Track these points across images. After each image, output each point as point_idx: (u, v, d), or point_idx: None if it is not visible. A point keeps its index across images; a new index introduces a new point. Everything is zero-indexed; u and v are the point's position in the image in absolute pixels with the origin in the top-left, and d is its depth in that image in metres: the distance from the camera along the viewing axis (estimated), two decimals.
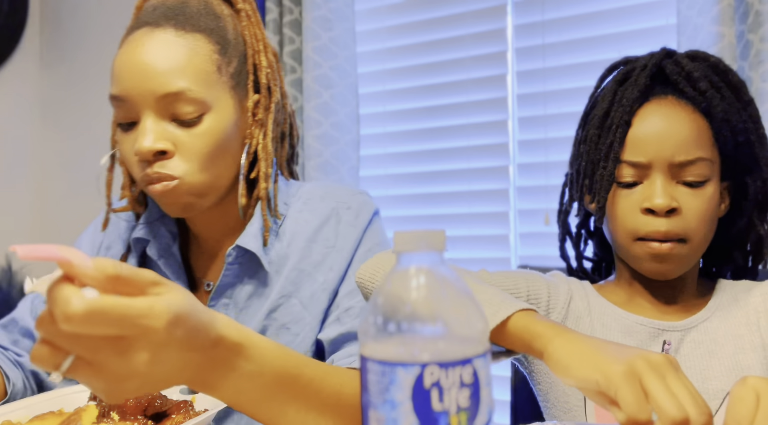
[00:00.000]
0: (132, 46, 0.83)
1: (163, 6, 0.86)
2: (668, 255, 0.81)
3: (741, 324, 0.84)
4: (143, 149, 0.79)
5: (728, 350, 0.82)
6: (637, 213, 0.82)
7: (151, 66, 0.80)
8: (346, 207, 0.93)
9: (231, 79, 0.86)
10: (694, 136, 0.82)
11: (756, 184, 0.86)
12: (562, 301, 0.88)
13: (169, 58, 0.81)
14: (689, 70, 0.85)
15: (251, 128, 0.89)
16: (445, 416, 0.40)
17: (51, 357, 0.46)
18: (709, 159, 0.82)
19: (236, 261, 0.89)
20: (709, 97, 0.83)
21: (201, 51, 0.83)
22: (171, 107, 0.81)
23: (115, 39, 2.19)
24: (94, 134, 2.22)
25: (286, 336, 0.88)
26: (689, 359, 0.83)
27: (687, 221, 0.80)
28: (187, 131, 0.82)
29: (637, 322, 0.85)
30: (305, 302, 0.89)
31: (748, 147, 0.85)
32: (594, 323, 0.87)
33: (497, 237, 1.68)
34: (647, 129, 0.83)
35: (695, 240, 0.82)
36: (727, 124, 0.83)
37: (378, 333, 0.42)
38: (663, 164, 0.81)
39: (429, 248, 0.44)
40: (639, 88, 0.84)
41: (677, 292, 0.88)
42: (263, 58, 0.90)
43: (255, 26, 0.91)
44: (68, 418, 0.69)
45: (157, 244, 0.93)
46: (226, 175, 0.87)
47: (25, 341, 0.95)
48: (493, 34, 1.69)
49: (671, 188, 0.81)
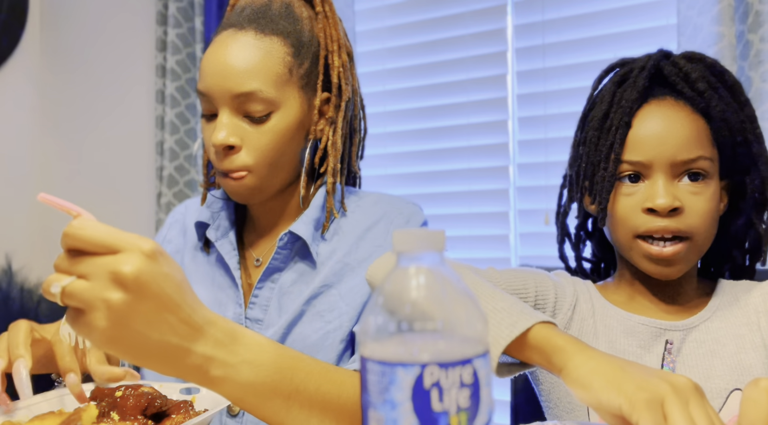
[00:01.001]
0: (217, 46, 0.91)
1: (250, 8, 0.94)
2: (672, 259, 0.81)
3: (742, 324, 0.84)
4: (216, 141, 0.88)
5: (730, 349, 0.83)
6: (638, 213, 0.82)
7: (230, 67, 0.88)
8: (398, 213, 0.99)
9: (301, 80, 0.93)
10: (695, 135, 0.82)
11: (754, 183, 0.86)
12: (568, 303, 0.88)
13: (247, 60, 0.89)
14: (687, 71, 0.85)
15: (318, 123, 0.96)
16: (445, 416, 0.40)
17: (55, 278, 0.52)
18: (709, 158, 0.82)
19: (287, 246, 0.93)
20: (707, 97, 0.84)
21: (276, 54, 0.90)
22: (244, 105, 0.89)
23: (115, 39, 2.20)
24: (94, 133, 2.22)
25: (318, 322, 0.91)
26: (691, 358, 0.83)
27: (690, 219, 0.81)
28: (256, 127, 0.90)
29: (640, 322, 0.86)
30: (344, 293, 0.92)
31: (745, 146, 0.85)
32: (597, 324, 0.87)
33: (497, 237, 1.68)
34: (647, 130, 0.83)
35: (698, 238, 0.82)
36: (725, 123, 0.84)
37: (378, 333, 0.42)
38: (664, 164, 0.81)
39: (429, 248, 0.44)
40: (638, 90, 0.85)
41: (678, 292, 0.88)
42: (336, 58, 0.96)
43: (332, 27, 0.98)
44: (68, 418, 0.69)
45: (216, 228, 1.00)
46: (287, 168, 0.94)
47: None
48: (493, 34, 1.69)
49: (673, 188, 0.81)
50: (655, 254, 0.81)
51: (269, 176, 0.91)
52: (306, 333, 0.90)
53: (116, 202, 2.16)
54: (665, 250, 0.80)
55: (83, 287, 0.51)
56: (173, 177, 1.94)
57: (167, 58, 1.95)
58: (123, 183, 2.16)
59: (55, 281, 0.51)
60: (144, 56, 2.13)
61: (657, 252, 0.81)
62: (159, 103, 1.99)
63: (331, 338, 0.90)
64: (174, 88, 1.95)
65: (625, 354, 0.84)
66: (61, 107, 2.29)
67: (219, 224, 0.99)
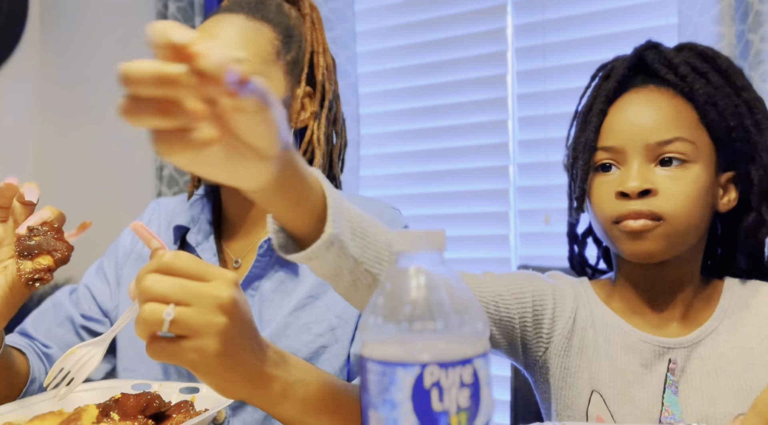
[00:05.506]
0: (206, 24, 0.94)
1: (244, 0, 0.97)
2: (642, 232, 0.77)
3: (752, 336, 0.81)
4: None
5: (737, 367, 0.79)
6: (612, 199, 0.80)
7: (218, 37, 0.90)
8: (379, 218, 0.97)
9: (287, 65, 0.95)
10: (672, 116, 0.80)
11: (759, 173, 0.83)
12: (569, 310, 0.85)
13: (235, 35, 0.91)
14: (670, 57, 0.83)
15: (300, 114, 0.97)
16: (445, 416, 0.40)
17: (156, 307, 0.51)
18: (690, 141, 0.79)
19: (267, 253, 0.92)
20: (690, 81, 0.81)
21: (264, 35, 0.93)
22: None
23: (115, 39, 2.20)
24: (94, 133, 2.22)
25: (306, 336, 0.89)
26: (695, 378, 0.80)
27: (664, 202, 0.77)
28: None
29: (642, 339, 0.82)
30: (331, 304, 0.90)
31: (743, 132, 0.82)
32: (598, 336, 0.84)
33: (497, 237, 1.68)
34: (623, 115, 0.82)
35: (673, 221, 0.78)
36: (714, 107, 0.80)
37: (378, 333, 0.42)
38: (638, 147, 0.79)
39: (429, 248, 0.44)
40: (617, 79, 0.84)
41: (677, 291, 0.84)
42: (321, 58, 0.99)
43: (318, 32, 1.01)
44: (68, 418, 0.69)
45: (197, 232, 0.98)
46: None
47: (57, 331, 0.96)
48: (493, 34, 1.68)
49: (647, 172, 0.79)
50: (628, 230, 0.78)
51: None
52: (295, 347, 0.88)
53: (116, 202, 2.16)
54: (637, 223, 0.77)
55: (190, 314, 0.51)
56: (173, 177, 1.94)
57: None
58: (123, 183, 2.16)
59: (156, 310, 0.51)
60: (144, 56, 2.12)
61: (629, 227, 0.78)
62: None
63: (327, 353, 0.88)
64: None
65: (626, 372, 0.82)
66: (61, 107, 2.29)
67: (200, 228, 0.98)
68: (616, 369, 0.82)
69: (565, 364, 0.84)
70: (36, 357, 0.91)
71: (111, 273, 1.00)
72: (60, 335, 0.95)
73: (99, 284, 0.99)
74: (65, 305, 0.98)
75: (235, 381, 0.55)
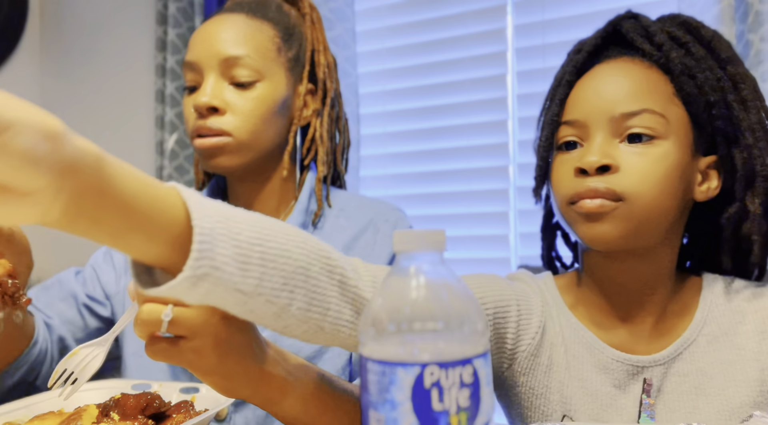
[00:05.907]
0: (206, 24, 0.96)
1: (244, 1, 0.99)
2: (599, 213, 0.70)
3: (734, 346, 0.74)
4: (200, 103, 0.90)
5: (717, 383, 0.73)
6: (570, 177, 0.73)
7: (219, 35, 0.92)
8: (384, 220, 0.99)
9: (288, 62, 0.96)
10: (642, 88, 0.72)
11: (743, 156, 0.74)
12: (535, 324, 0.77)
13: (237, 32, 0.93)
14: (647, 25, 0.77)
15: (303, 110, 0.98)
16: (445, 416, 0.40)
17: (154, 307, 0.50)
18: (660, 114, 0.71)
19: None
20: (666, 50, 0.74)
21: (265, 33, 0.95)
22: (231, 69, 0.91)
23: (115, 39, 2.20)
24: (94, 133, 2.22)
25: None
26: (673, 398, 0.73)
27: (625, 179, 0.70)
28: (241, 93, 0.91)
29: (613, 358, 0.75)
30: None
31: (725, 109, 0.73)
32: (568, 353, 0.76)
33: (497, 237, 1.68)
34: (587, 87, 0.75)
35: (634, 202, 0.69)
36: (692, 80, 0.73)
37: (378, 333, 0.42)
38: (602, 120, 0.72)
39: (429, 248, 0.44)
40: (588, 50, 0.79)
41: (648, 297, 0.76)
42: (322, 57, 1.00)
43: (318, 31, 1.02)
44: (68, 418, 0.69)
45: None
46: (267, 144, 0.94)
47: (59, 305, 0.96)
48: (493, 34, 1.69)
49: (610, 147, 0.71)
50: (584, 210, 0.71)
51: (249, 145, 0.92)
52: (297, 346, 0.88)
53: None
54: (593, 202, 0.70)
55: (189, 315, 0.50)
56: (173, 177, 1.94)
57: (167, 58, 1.95)
58: None
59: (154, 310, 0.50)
60: (144, 56, 2.12)
61: (585, 208, 0.71)
62: (159, 103, 1.99)
63: (328, 352, 0.88)
64: (174, 88, 1.95)
65: (599, 394, 0.74)
66: (61, 107, 2.29)
67: None
68: (587, 392, 0.75)
69: (530, 383, 0.77)
70: (41, 321, 0.91)
71: (118, 259, 1.01)
72: (62, 309, 0.95)
73: (105, 268, 1.00)
74: (71, 282, 0.99)
75: (235, 381, 0.55)
